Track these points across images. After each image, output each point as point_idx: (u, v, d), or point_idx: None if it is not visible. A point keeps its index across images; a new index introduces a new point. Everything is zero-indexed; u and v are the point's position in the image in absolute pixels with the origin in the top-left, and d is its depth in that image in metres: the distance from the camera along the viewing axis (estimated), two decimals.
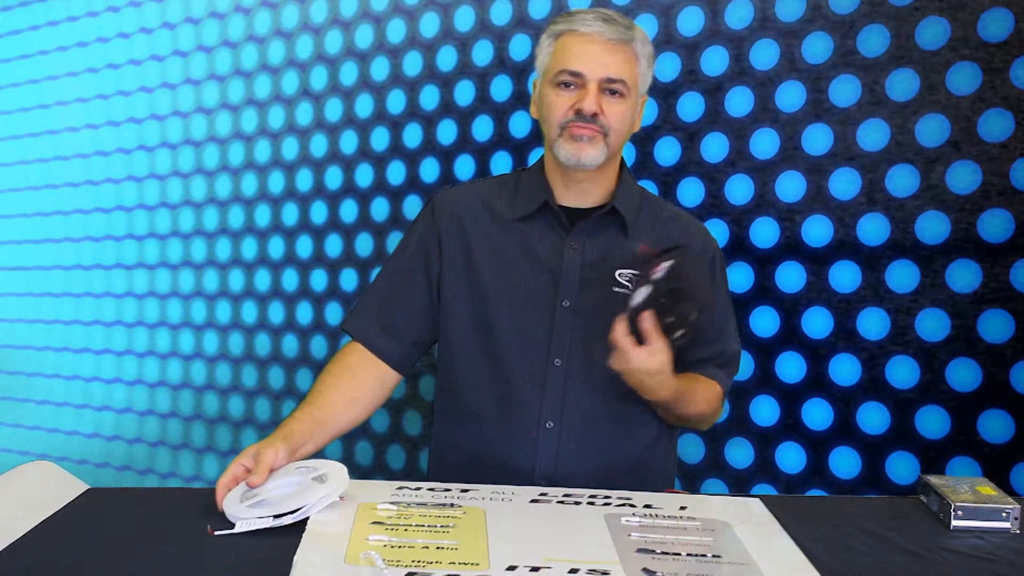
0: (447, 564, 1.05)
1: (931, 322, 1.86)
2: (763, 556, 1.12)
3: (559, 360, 1.48)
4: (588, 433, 1.48)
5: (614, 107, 1.46)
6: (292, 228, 2.73)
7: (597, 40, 1.45)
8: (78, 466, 3.25)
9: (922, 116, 1.86)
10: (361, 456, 2.60)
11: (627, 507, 1.27)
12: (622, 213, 1.53)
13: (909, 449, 1.89)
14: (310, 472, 1.29)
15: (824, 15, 1.94)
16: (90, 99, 3.22)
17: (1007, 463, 1.80)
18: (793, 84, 1.98)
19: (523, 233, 1.53)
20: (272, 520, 1.18)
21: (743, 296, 2.04)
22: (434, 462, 1.61)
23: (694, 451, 2.12)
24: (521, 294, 1.51)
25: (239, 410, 2.88)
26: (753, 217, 2.03)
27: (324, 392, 1.49)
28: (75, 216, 3.30)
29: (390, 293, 1.58)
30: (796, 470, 2.01)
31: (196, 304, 2.97)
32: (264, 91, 2.77)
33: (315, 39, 2.66)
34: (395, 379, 1.57)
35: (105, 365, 3.24)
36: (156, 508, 1.28)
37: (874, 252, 1.91)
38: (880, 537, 1.22)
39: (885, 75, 1.89)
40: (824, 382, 1.97)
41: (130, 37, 3.09)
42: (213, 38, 2.88)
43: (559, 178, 1.53)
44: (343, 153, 2.62)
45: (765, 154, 2.02)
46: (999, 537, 1.23)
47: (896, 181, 1.89)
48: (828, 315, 1.96)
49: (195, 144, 2.95)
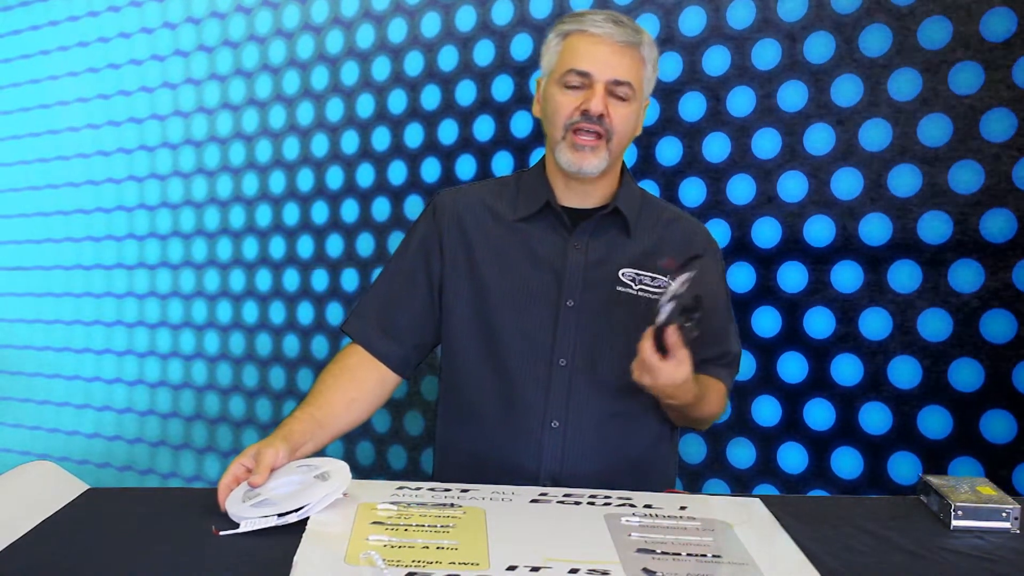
0: (447, 564, 1.05)
1: (933, 322, 1.86)
2: (763, 556, 1.12)
3: (564, 360, 1.48)
4: (593, 433, 1.48)
5: (619, 110, 1.46)
6: (293, 228, 2.73)
7: (606, 41, 1.45)
8: (79, 466, 3.25)
9: (924, 116, 1.85)
10: (362, 456, 2.60)
11: (627, 507, 1.27)
12: (624, 214, 1.53)
13: (911, 449, 1.88)
14: (312, 470, 1.29)
15: (826, 15, 1.94)
16: (91, 99, 3.22)
17: (1009, 463, 1.80)
18: (795, 84, 1.98)
19: (525, 234, 1.53)
20: (277, 519, 1.18)
21: (745, 296, 2.03)
22: (439, 463, 1.61)
23: (696, 451, 2.12)
24: (524, 295, 1.50)
25: (240, 410, 2.88)
26: (755, 217, 2.03)
27: (324, 392, 1.48)
28: (76, 216, 3.29)
29: (391, 295, 1.57)
30: (798, 470, 2.00)
31: (197, 304, 2.97)
32: (265, 91, 2.77)
33: (316, 39, 2.66)
34: (395, 381, 1.57)
35: (106, 365, 3.24)
36: (156, 508, 1.28)
37: (876, 252, 1.91)
38: (880, 537, 1.22)
39: (887, 75, 1.89)
40: (826, 382, 1.97)
41: (131, 37, 3.09)
42: (214, 38, 2.88)
43: (560, 179, 1.53)
44: (344, 153, 2.62)
45: (767, 154, 2.02)
46: (999, 537, 1.23)
47: (898, 181, 1.88)
48: (830, 315, 1.96)
49: (196, 144, 2.95)
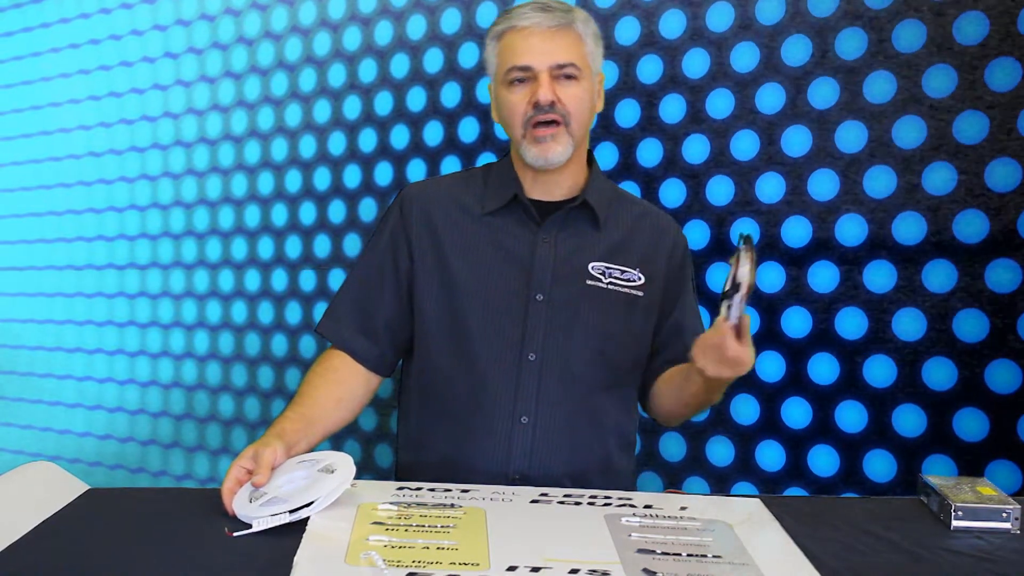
0: (447, 564, 1.05)
1: (908, 321, 1.88)
2: (763, 556, 1.12)
3: (533, 355, 1.47)
4: (562, 428, 1.47)
5: (569, 90, 1.45)
6: (281, 229, 2.75)
7: (536, 31, 1.44)
8: (71, 465, 3.25)
9: (899, 118, 1.88)
10: (349, 455, 2.61)
11: (627, 507, 1.27)
12: (592, 206, 1.52)
13: (886, 447, 1.91)
14: (315, 464, 1.28)
15: (803, 18, 1.96)
16: (82, 100, 3.24)
17: (982, 461, 1.81)
18: (773, 86, 2.00)
19: (493, 227, 1.52)
20: (289, 515, 1.17)
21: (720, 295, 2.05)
22: (405, 460, 1.59)
23: (676, 449, 2.14)
24: (493, 289, 1.49)
25: (229, 409, 2.90)
26: (734, 218, 2.05)
27: (311, 393, 1.48)
28: (68, 216, 3.31)
29: (363, 293, 1.56)
30: (775, 468, 2.02)
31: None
32: (254, 93, 2.79)
33: (304, 41, 2.68)
34: (378, 380, 1.57)
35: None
36: (156, 509, 1.27)
37: (853, 252, 1.93)
38: (880, 537, 1.21)
39: (863, 77, 1.91)
40: (803, 381, 1.99)
41: (122, 39, 3.11)
42: (204, 40, 2.90)
43: (528, 172, 1.52)
44: (331, 154, 2.64)
45: (746, 155, 2.04)
46: (999, 537, 1.22)
47: (873, 182, 1.91)
48: (807, 315, 1.98)
49: (185, 145, 2.97)
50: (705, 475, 2.11)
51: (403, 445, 1.59)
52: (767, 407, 2.03)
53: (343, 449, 2.61)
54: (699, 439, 2.11)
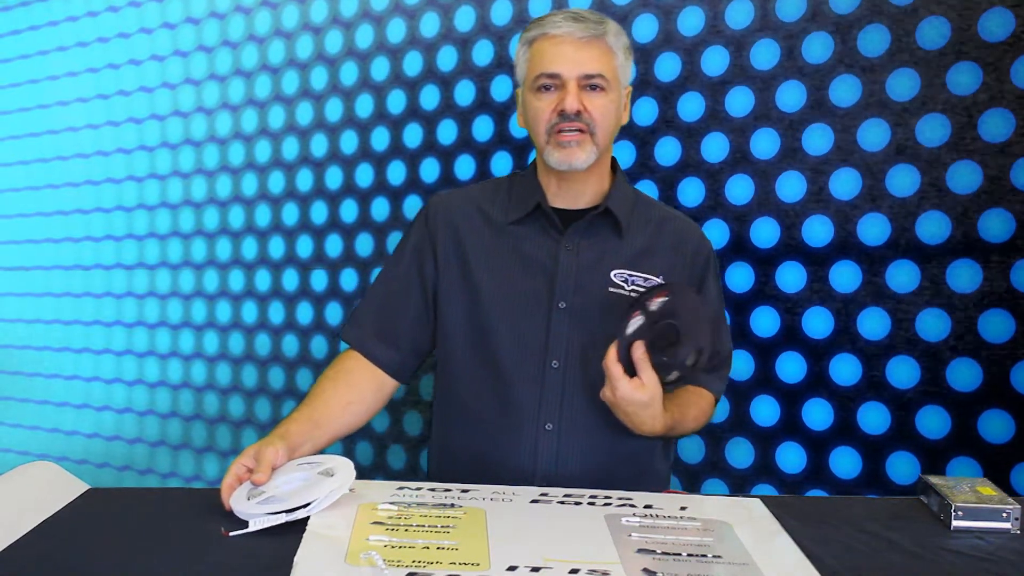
0: (447, 564, 1.05)
1: (932, 322, 1.86)
2: (763, 556, 1.13)
3: (556, 362, 1.49)
4: (587, 434, 1.48)
5: (596, 101, 1.47)
6: (292, 228, 2.73)
7: (568, 40, 1.46)
8: (78, 466, 3.25)
9: (922, 116, 1.85)
10: (361, 456, 2.60)
11: (627, 507, 1.27)
12: (615, 214, 1.53)
13: (909, 449, 1.89)
14: (315, 467, 1.29)
15: (824, 15, 1.94)
16: (90, 99, 3.22)
17: (1008, 463, 1.80)
18: (793, 84, 1.98)
19: (517, 237, 1.54)
20: (285, 516, 1.18)
21: (743, 296, 2.04)
22: (434, 465, 1.61)
23: (694, 451, 2.12)
24: (517, 297, 1.51)
25: (239, 410, 2.88)
26: (754, 217, 2.03)
27: (321, 395, 1.49)
28: (75, 216, 3.29)
29: (387, 301, 1.58)
30: (796, 470, 2.01)
31: (196, 304, 2.97)
32: (264, 91, 2.77)
33: (315, 39, 2.66)
34: (393, 386, 1.58)
35: (105, 365, 3.24)
36: (157, 508, 1.28)
37: (875, 252, 1.91)
38: (880, 537, 1.22)
39: (885, 75, 1.89)
40: (825, 382, 1.97)
41: (130, 37, 3.09)
42: (213, 38, 2.88)
43: (552, 180, 1.54)
44: (343, 153, 2.62)
45: (765, 154, 2.02)
46: (999, 537, 1.23)
47: (896, 181, 1.89)
48: (829, 315, 1.96)
49: (195, 144, 2.95)
50: (724, 477, 2.09)
51: (434, 451, 1.60)
52: (788, 408, 2.01)
53: (355, 450, 2.61)
54: (718, 440, 2.09)
